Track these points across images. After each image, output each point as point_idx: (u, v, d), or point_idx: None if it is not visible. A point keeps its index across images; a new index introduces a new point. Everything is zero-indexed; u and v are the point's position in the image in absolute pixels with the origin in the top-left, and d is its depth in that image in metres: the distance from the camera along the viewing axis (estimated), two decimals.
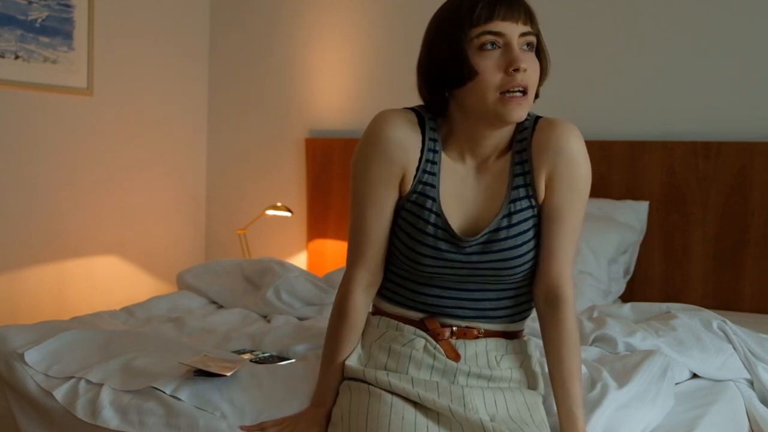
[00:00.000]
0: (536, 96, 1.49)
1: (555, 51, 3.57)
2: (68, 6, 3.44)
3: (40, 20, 3.33)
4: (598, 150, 3.11)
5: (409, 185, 1.50)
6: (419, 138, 1.49)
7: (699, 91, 3.00)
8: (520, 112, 1.42)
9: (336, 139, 3.73)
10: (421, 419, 1.39)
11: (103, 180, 3.67)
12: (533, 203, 1.50)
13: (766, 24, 2.89)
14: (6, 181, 3.30)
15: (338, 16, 3.79)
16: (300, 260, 3.87)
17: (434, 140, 1.50)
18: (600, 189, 3.10)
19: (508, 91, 1.40)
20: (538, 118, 1.53)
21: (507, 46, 1.41)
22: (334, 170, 3.72)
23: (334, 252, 3.72)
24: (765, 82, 2.89)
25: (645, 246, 3.00)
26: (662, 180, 2.99)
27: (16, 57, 3.26)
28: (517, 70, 1.39)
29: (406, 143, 1.48)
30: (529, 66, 1.42)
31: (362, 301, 1.55)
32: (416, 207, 1.49)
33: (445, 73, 1.45)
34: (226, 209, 4.12)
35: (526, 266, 1.51)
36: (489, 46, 1.41)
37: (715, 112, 2.98)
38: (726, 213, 2.89)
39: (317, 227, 3.79)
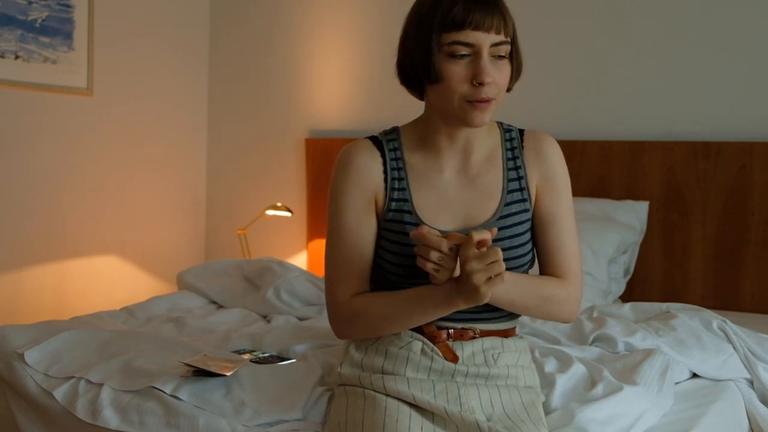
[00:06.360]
0: (508, 89, 1.51)
1: (555, 51, 3.56)
2: (68, 6, 3.44)
3: (40, 20, 3.33)
4: (598, 150, 3.11)
5: (383, 206, 1.53)
6: (380, 160, 1.53)
7: (699, 91, 3.00)
8: (483, 118, 1.45)
9: (336, 139, 3.73)
10: (416, 421, 1.39)
11: (103, 180, 3.67)
12: (528, 207, 1.54)
13: (766, 24, 2.89)
14: (6, 181, 3.29)
15: (338, 16, 3.79)
16: (300, 260, 3.87)
17: (397, 159, 1.54)
18: (600, 189, 3.10)
19: (474, 101, 1.43)
20: (521, 130, 1.59)
21: (476, 56, 1.42)
22: None
23: None
24: (765, 82, 2.89)
25: (645, 246, 3.00)
26: (662, 180, 2.99)
27: (16, 57, 3.26)
28: (482, 83, 1.41)
29: (370, 167, 1.53)
30: (497, 77, 1.43)
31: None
32: (395, 224, 1.52)
33: (415, 69, 1.48)
34: (226, 209, 4.12)
35: (521, 269, 1.53)
36: (458, 55, 1.42)
37: (715, 112, 2.97)
38: (726, 213, 2.89)
39: (317, 227, 3.79)
